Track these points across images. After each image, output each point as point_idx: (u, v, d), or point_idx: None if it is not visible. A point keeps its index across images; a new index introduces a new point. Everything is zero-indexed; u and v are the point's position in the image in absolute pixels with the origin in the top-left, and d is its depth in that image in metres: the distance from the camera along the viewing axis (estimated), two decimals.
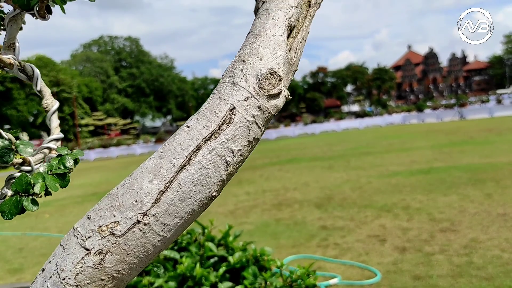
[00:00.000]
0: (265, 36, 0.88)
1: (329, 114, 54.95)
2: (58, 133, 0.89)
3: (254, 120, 0.80)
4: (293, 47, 0.95)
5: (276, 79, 0.83)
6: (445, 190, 7.96)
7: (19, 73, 0.86)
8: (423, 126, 30.68)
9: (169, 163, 0.75)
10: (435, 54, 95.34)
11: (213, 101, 0.80)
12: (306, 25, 1.01)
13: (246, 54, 0.85)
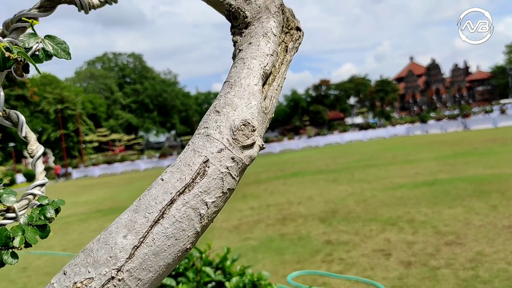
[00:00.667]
0: (239, 86, 0.90)
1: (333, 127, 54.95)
2: (43, 179, 0.90)
3: (228, 171, 0.81)
4: (268, 95, 0.96)
5: (250, 129, 0.84)
6: (450, 202, 7.92)
7: (4, 121, 0.87)
8: (427, 137, 30.63)
9: (143, 217, 0.76)
10: (437, 65, 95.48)
11: (187, 154, 0.81)
12: (282, 71, 1.02)
13: (221, 105, 0.86)
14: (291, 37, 1.09)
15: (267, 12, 1.03)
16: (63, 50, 0.88)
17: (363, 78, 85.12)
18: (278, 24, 1.04)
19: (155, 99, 75.78)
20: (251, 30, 1.01)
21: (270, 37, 0.99)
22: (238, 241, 7.08)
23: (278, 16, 1.05)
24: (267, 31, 1.00)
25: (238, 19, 1.04)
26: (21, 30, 1.00)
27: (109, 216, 11.54)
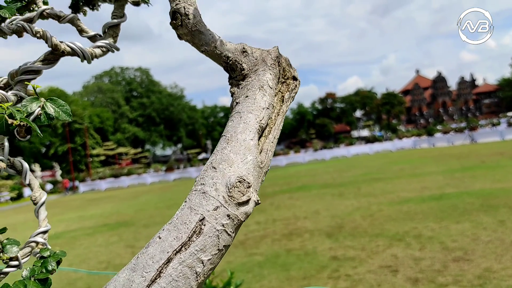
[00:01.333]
0: (236, 141, 0.92)
1: (339, 140, 54.87)
2: (46, 225, 0.92)
3: (224, 228, 0.82)
4: (264, 148, 0.97)
5: (245, 186, 0.85)
6: (458, 217, 7.86)
7: (8, 169, 0.89)
8: (434, 151, 30.50)
9: (141, 277, 0.77)
10: (443, 78, 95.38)
11: (184, 211, 0.83)
12: (278, 123, 1.04)
13: (218, 160, 0.89)
14: (287, 87, 1.12)
15: (264, 64, 1.06)
16: (64, 112, 0.91)
17: (369, 91, 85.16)
18: (274, 76, 1.07)
19: (162, 113, 76.15)
20: (248, 82, 1.04)
21: (266, 90, 1.02)
22: (244, 257, 7.05)
23: (274, 68, 1.07)
24: (263, 84, 1.02)
25: (235, 71, 1.07)
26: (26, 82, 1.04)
27: (115, 231, 11.55)
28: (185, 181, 35.20)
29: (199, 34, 1.06)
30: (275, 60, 1.09)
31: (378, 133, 69.33)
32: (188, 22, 1.05)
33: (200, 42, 1.07)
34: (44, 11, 1.19)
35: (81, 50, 1.12)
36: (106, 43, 1.20)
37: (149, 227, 11.35)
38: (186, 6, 1.04)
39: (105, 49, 1.19)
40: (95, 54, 1.16)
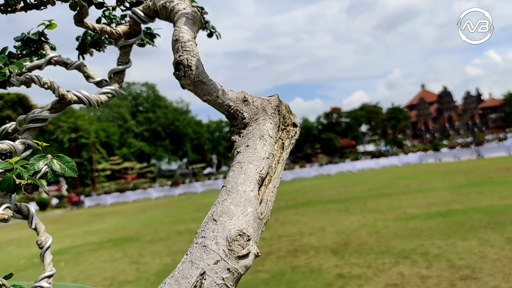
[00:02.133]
0: (236, 192, 0.94)
1: (345, 155, 54.77)
2: (51, 270, 0.93)
3: (224, 282, 0.83)
4: (264, 198, 0.99)
5: (245, 239, 0.87)
6: (464, 234, 7.79)
7: (15, 214, 0.92)
8: (440, 166, 30.36)
9: None
10: (449, 92, 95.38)
11: (185, 265, 0.84)
12: (278, 171, 1.06)
13: (218, 213, 0.90)
14: (287, 134, 1.13)
15: (264, 113, 1.09)
16: (70, 168, 0.94)
17: (374, 106, 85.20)
18: (275, 125, 1.09)
19: (168, 128, 76.44)
20: (249, 131, 1.06)
21: (266, 140, 1.04)
22: (249, 274, 7.00)
23: (274, 117, 1.10)
24: (263, 133, 1.04)
25: (237, 119, 1.10)
26: (33, 130, 1.08)
27: (120, 246, 11.52)
28: (190, 196, 35.17)
29: (201, 85, 1.10)
30: (275, 109, 1.11)
31: (384, 148, 69.17)
32: (191, 73, 1.08)
33: (203, 92, 1.10)
34: (52, 58, 1.25)
35: (87, 99, 1.17)
36: (111, 89, 1.27)
37: (154, 243, 11.31)
38: (189, 57, 1.08)
39: (111, 95, 1.26)
40: (100, 100, 1.22)
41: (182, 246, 10.36)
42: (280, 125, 1.14)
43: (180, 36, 1.12)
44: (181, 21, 1.14)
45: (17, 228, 23.77)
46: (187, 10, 1.19)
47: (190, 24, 1.14)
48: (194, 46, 1.10)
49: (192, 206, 22.95)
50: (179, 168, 79.16)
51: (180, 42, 1.10)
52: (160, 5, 1.29)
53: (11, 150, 1.02)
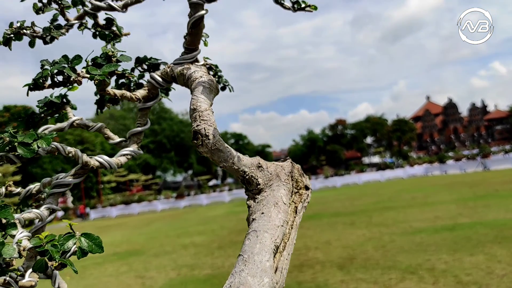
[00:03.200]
0: (253, 263, 0.98)
1: (350, 166, 54.62)
2: None
3: None
4: (279, 267, 1.03)
5: None
6: (471, 249, 7.74)
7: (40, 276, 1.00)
8: (446, 178, 30.22)
9: None
10: (454, 104, 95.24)
11: None
12: (292, 237, 1.10)
13: (236, 284, 0.95)
14: (300, 197, 1.18)
15: (278, 179, 1.14)
16: (97, 245, 1.00)
17: (379, 118, 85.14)
18: (288, 191, 1.14)
19: (173, 139, 76.67)
20: (264, 197, 1.11)
21: (280, 207, 1.08)
22: None
23: (288, 183, 1.14)
24: (277, 200, 1.09)
25: (251, 185, 1.16)
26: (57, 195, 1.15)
27: (125, 260, 11.52)
28: (195, 208, 35.13)
29: (218, 152, 1.16)
30: (288, 175, 1.16)
31: (389, 160, 68.93)
32: (208, 142, 1.15)
33: (219, 159, 1.16)
34: (74, 121, 1.36)
35: (108, 163, 1.27)
36: (130, 150, 1.36)
37: (159, 257, 11.30)
38: (206, 127, 1.14)
39: (130, 156, 1.35)
40: (120, 162, 1.29)
41: (188, 260, 10.34)
42: (293, 187, 1.18)
43: (198, 106, 1.20)
44: (198, 90, 1.22)
45: None
46: (203, 79, 1.27)
47: (207, 93, 1.21)
48: (211, 115, 1.17)
49: (197, 218, 22.92)
50: (184, 180, 79.22)
51: (198, 111, 1.17)
52: (178, 72, 1.38)
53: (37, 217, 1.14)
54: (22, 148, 1.11)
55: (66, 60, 1.35)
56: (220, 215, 23.76)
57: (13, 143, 1.12)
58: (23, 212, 1.18)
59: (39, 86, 1.31)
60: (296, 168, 1.21)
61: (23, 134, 1.13)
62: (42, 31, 1.53)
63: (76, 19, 1.58)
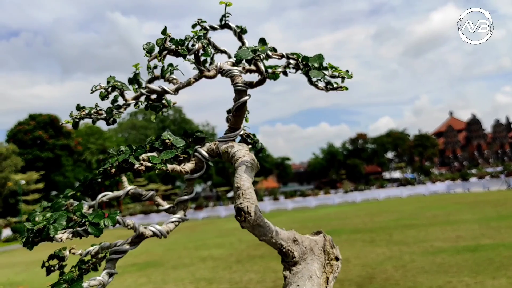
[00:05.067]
0: None
1: (370, 181, 54.11)
2: None
3: None
4: None
5: None
6: (494, 272, 7.58)
7: None
8: (469, 196, 29.71)
9: None
10: (478, 120, 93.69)
11: None
12: None
13: None
14: (331, 268, 1.25)
15: (312, 253, 1.25)
16: None
17: (401, 132, 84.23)
18: (321, 264, 1.21)
19: None
20: (299, 270, 1.19)
21: (314, 280, 1.15)
22: None
23: (320, 257, 1.22)
24: (311, 274, 1.16)
25: (288, 257, 1.28)
26: (115, 260, 1.31)
27: (144, 271, 11.60)
28: (213, 219, 35.20)
29: (258, 227, 1.32)
30: (321, 249, 1.25)
31: (410, 175, 68.06)
32: (250, 219, 1.30)
33: (260, 234, 1.30)
34: (129, 191, 1.59)
35: (160, 232, 1.47)
36: (178, 217, 1.54)
37: (178, 269, 11.35)
38: (249, 205, 1.28)
39: (177, 222, 1.54)
40: (170, 229, 1.48)
41: (205, 273, 10.36)
42: (325, 262, 1.24)
43: (241, 184, 1.34)
44: (242, 169, 1.36)
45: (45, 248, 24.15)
46: (246, 158, 1.44)
47: (249, 171, 1.34)
48: (253, 193, 1.30)
49: (216, 231, 22.96)
50: (203, 191, 79.51)
51: (241, 189, 1.33)
52: (223, 150, 1.57)
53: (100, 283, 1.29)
54: (92, 227, 1.32)
55: (130, 149, 1.57)
56: (238, 228, 23.47)
57: (85, 222, 1.32)
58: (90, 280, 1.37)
59: (107, 174, 1.54)
60: (328, 240, 1.30)
61: (92, 213, 1.33)
62: (105, 113, 1.80)
63: (133, 99, 1.83)
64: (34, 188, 35.46)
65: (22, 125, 54.15)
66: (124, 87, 1.77)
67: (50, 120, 54.59)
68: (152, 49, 1.67)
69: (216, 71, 1.67)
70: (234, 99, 1.57)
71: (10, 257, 20.54)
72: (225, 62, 1.67)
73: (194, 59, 1.69)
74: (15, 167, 43.68)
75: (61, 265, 1.53)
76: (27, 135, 52.85)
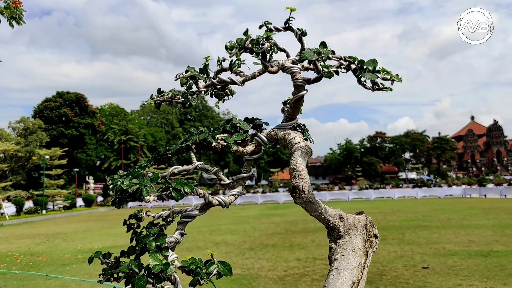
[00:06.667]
0: None
1: (386, 180, 53.88)
2: None
3: None
4: None
5: None
6: (505, 278, 7.68)
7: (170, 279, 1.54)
8: (485, 202, 29.49)
9: None
10: (499, 126, 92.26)
11: None
12: (364, 276, 1.42)
13: None
14: (370, 244, 1.49)
15: (355, 229, 1.48)
16: (228, 270, 1.51)
17: (420, 134, 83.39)
18: (363, 239, 1.46)
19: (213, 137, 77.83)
20: (343, 242, 1.43)
21: (357, 252, 1.39)
22: None
23: (362, 233, 1.47)
24: (355, 246, 1.40)
25: (334, 231, 1.52)
26: (185, 223, 1.77)
27: None
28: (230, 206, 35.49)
29: (310, 204, 1.57)
30: (363, 227, 1.48)
31: (427, 177, 67.51)
32: (304, 196, 1.53)
33: (311, 209, 1.55)
34: (197, 166, 1.85)
35: (224, 201, 1.75)
36: (237, 191, 1.82)
37: (192, 251, 11.65)
38: (303, 184, 1.55)
39: (237, 195, 1.82)
40: (231, 200, 1.78)
41: (218, 258, 10.57)
42: (366, 238, 1.48)
43: (297, 166, 1.56)
44: (297, 153, 1.61)
45: (63, 222, 24.81)
46: (301, 145, 1.67)
47: (304, 156, 1.57)
48: (307, 175, 1.55)
49: (230, 217, 23.26)
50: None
51: (297, 171, 1.58)
52: (280, 136, 1.79)
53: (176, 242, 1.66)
54: (175, 192, 1.61)
55: (208, 130, 1.90)
56: (252, 216, 24.05)
57: (169, 187, 1.61)
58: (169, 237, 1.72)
59: (189, 148, 1.85)
60: (368, 220, 1.52)
61: (175, 181, 1.64)
62: (181, 97, 2.18)
63: (204, 87, 2.13)
64: (57, 164, 36.15)
65: (49, 101, 55.16)
66: (199, 76, 2.08)
67: (77, 98, 55.48)
68: (233, 46, 1.93)
69: (279, 67, 1.88)
70: (293, 93, 1.80)
71: (31, 229, 21.16)
72: (286, 60, 1.90)
73: (261, 56, 1.91)
74: (40, 142, 44.68)
75: (138, 224, 1.93)
76: (53, 112, 53.84)
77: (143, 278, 1.49)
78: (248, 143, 1.90)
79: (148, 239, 1.62)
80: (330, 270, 1.47)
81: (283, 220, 20.28)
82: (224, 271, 1.42)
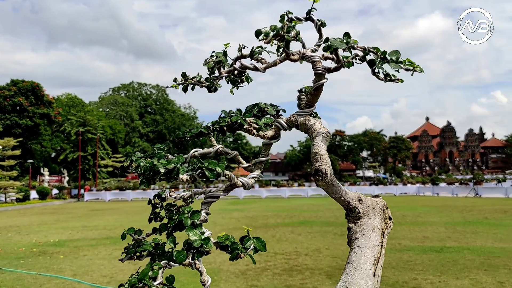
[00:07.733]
0: (360, 270, 1.43)
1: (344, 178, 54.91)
2: None
3: None
4: (376, 274, 1.45)
5: None
6: (457, 272, 8.00)
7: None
8: (437, 200, 30.56)
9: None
10: (452, 128, 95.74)
11: None
12: (383, 253, 1.49)
13: (350, 283, 1.36)
14: (386, 225, 1.56)
15: (374, 211, 1.55)
16: (263, 245, 1.54)
17: (378, 133, 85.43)
18: (381, 220, 1.52)
19: (173, 131, 76.95)
20: (363, 223, 1.50)
21: (376, 232, 1.46)
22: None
23: (380, 214, 1.54)
24: (374, 226, 1.47)
25: (353, 212, 1.59)
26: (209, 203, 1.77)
27: (118, 245, 11.73)
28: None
29: (332, 186, 1.61)
30: (381, 208, 1.55)
31: (383, 176, 69.27)
32: (326, 178, 1.59)
33: (332, 192, 1.61)
34: (218, 149, 1.89)
35: (246, 183, 1.81)
36: (256, 174, 1.88)
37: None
38: (325, 167, 1.60)
39: (257, 178, 1.86)
40: (252, 182, 1.82)
41: None
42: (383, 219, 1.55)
43: (319, 150, 1.63)
44: (319, 138, 1.67)
45: (16, 215, 23.97)
46: (322, 130, 1.73)
47: (324, 141, 1.62)
48: (328, 159, 1.64)
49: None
50: None
51: (319, 154, 1.61)
52: (301, 122, 1.86)
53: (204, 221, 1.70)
54: (209, 172, 1.64)
55: (239, 112, 1.97)
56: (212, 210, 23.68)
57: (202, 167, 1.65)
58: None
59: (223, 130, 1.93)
60: (384, 203, 1.59)
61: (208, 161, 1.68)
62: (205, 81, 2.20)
63: (226, 73, 2.16)
64: (10, 154, 34.84)
65: (2, 90, 52.88)
66: (225, 62, 2.13)
67: (32, 87, 53.43)
68: (268, 33, 1.97)
69: (300, 56, 1.95)
70: (313, 81, 1.87)
71: None
72: (307, 49, 1.97)
73: (285, 44, 1.98)
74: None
75: (161, 204, 2.07)
76: (7, 101, 51.70)
77: (183, 252, 1.59)
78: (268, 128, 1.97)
79: (184, 216, 1.70)
80: (351, 248, 1.57)
81: (243, 216, 20.34)
82: (259, 246, 1.52)
